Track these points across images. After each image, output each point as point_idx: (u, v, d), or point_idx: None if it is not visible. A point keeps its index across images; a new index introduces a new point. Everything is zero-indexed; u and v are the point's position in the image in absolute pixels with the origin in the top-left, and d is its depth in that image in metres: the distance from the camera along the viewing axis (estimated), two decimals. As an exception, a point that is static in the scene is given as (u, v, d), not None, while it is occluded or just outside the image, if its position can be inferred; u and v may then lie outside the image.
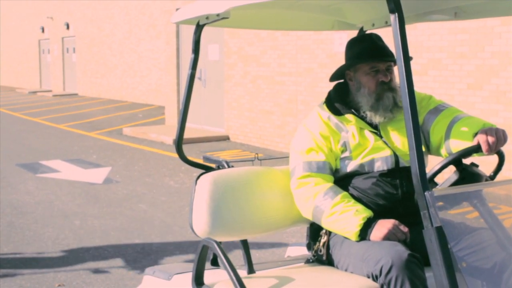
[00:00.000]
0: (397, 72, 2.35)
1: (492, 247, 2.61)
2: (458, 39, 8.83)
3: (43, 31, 33.14)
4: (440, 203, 2.24)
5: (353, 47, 3.23)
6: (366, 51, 3.16)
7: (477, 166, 2.74)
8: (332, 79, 3.35)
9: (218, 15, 3.04)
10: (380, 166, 3.08)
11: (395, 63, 3.17)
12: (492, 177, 2.83)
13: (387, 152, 3.10)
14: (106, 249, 6.12)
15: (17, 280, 5.24)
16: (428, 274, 2.64)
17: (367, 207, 3.01)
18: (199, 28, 3.30)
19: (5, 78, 39.62)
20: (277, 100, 12.50)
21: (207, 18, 3.17)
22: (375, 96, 3.14)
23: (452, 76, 8.94)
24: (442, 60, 9.08)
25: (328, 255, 3.13)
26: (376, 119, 3.14)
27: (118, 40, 25.09)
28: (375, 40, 3.18)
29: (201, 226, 3.10)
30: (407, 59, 2.26)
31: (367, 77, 3.16)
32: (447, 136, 3.02)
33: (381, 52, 3.14)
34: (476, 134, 2.80)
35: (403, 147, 3.12)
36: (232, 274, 2.78)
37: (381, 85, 3.14)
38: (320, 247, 3.16)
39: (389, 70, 3.16)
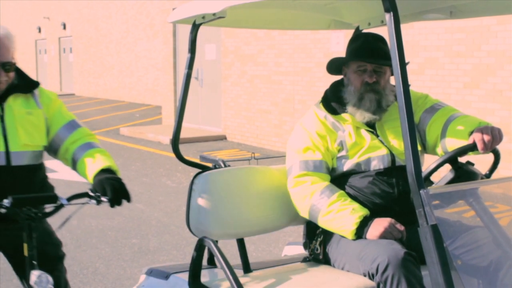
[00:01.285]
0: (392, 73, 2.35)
1: (488, 245, 2.62)
2: (454, 38, 8.84)
3: (39, 31, 33.11)
4: (436, 202, 2.25)
5: (351, 44, 3.26)
6: (357, 49, 3.18)
7: (472, 164, 2.75)
8: (328, 69, 3.36)
9: (214, 14, 3.04)
10: (376, 165, 3.09)
11: (389, 66, 3.17)
12: (488, 175, 2.84)
13: (384, 151, 3.11)
14: (103, 248, 6.12)
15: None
16: (424, 273, 2.65)
17: (364, 205, 3.02)
18: (195, 27, 3.30)
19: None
20: (274, 99, 12.50)
21: (203, 17, 3.17)
22: (358, 95, 3.16)
23: (448, 75, 8.95)
24: (438, 59, 9.09)
25: (325, 254, 3.13)
26: (356, 117, 3.16)
27: (115, 40, 25.08)
28: (371, 40, 3.19)
29: (198, 225, 3.10)
30: (402, 58, 2.26)
31: (354, 75, 3.19)
32: (443, 135, 3.03)
33: (371, 53, 3.15)
34: (471, 132, 2.80)
35: (399, 146, 3.13)
36: (229, 273, 2.78)
37: (364, 85, 3.16)
38: (316, 246, 3.17)
39: (377, 72, 3.16)
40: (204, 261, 3.13)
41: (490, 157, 2.84)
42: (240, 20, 3.59)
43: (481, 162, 2.87)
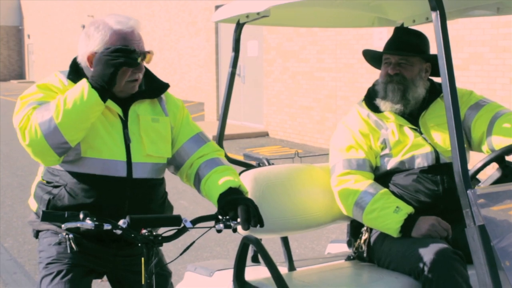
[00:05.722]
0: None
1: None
2: (500, 33, 8.69)
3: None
4: (482, 200, 2.22)
5: None
6: (386, 43, 3.24)
7: (520, 163, 2.71)
8: (367, 60, 3.40)
9: (258, 13, 3.07)
10: (420, 162, 3.07)
11: (418, 59, 3.16)
12: (536, 174, 2.80)
13: (427, 149, 3.08)
14: (148, 245, 6.19)
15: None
16: (471, 272, 2.62)
17: (408, 204, 3.00)
18: (239, 26, 3.33)
19: (48, 76, 40.26)
20: (316, 95, 12.47)
21: (247, 16, 3.19)
22: (383, 86, 3.18)
23: (494, 70, 8.81)
24: (484, 55, 8.95)
25: (369, 252, 3.13)
26: (381, 107, 3.18)
27: (158, 37, 25.32)
28: (401, 34, 3.23)
29: (242, 223, 3.11)
30: (448, 56, 2.24)
31: (382, 67, 3.24)
32: (489, 132, 3.00)
33: (395, 46, 3.18)
34: (519, 130, 2.77)
35: (443, 143, 3.10)
36: (273, 271, 2.80)
37: (387, 77, 3.18)
38: (361, 244, 3.16)
39: (401, 65, 3.16)
40: (248, 259, 3.15)
41: (538, 155, 2.80)
42: (283, 19, 3.60)
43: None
